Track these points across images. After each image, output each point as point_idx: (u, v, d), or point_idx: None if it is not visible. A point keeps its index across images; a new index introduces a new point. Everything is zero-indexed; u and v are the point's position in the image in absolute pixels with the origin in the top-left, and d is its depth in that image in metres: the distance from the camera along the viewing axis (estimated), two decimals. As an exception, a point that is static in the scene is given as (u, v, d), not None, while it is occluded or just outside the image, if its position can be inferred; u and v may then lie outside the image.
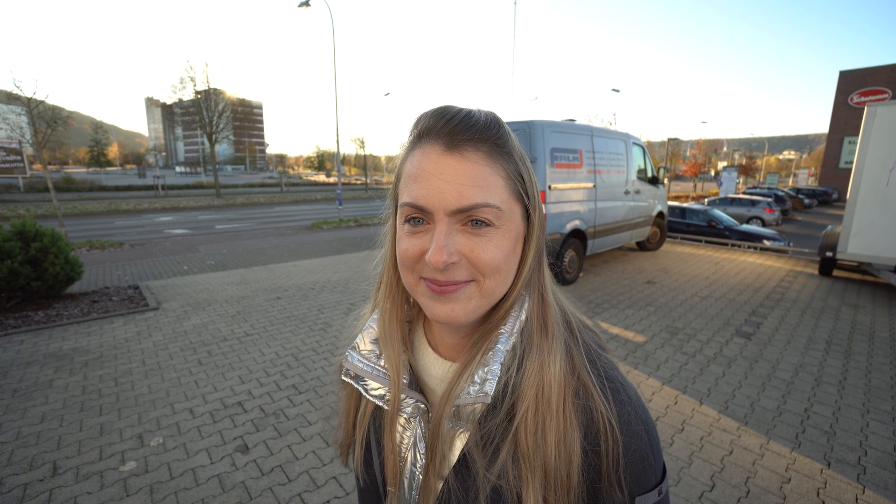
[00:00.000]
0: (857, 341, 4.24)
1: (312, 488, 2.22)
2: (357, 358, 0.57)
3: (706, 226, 11.20)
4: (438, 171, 0.44)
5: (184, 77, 26.28)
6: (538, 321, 0.50)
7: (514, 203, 0.47)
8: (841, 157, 32.27)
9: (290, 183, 47.80)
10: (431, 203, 0.44)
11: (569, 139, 6.09)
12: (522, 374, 0.47)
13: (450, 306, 0.46)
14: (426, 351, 0.57)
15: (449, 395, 0.49)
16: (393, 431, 0.55)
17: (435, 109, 0.47)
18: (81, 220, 15.93)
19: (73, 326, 4.47)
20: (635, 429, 0.48)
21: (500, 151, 0.46)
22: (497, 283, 0.47)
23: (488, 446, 0.47)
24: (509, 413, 0.47)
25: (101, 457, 2.43)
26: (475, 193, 0.44)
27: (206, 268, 7.47)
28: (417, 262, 0.47)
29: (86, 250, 9.35)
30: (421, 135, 0.47)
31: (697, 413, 2.94)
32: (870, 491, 2.23)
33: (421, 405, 0.53)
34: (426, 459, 0.52)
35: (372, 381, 0.55)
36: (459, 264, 0.45)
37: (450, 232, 0.45)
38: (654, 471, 0.49)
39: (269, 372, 3.49)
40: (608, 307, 5.20)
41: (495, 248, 0.45)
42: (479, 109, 0.48)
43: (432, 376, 0.56)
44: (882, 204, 5.77)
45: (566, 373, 0.48)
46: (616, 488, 0.47)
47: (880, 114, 5.70)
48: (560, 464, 0.45)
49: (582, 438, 0.46)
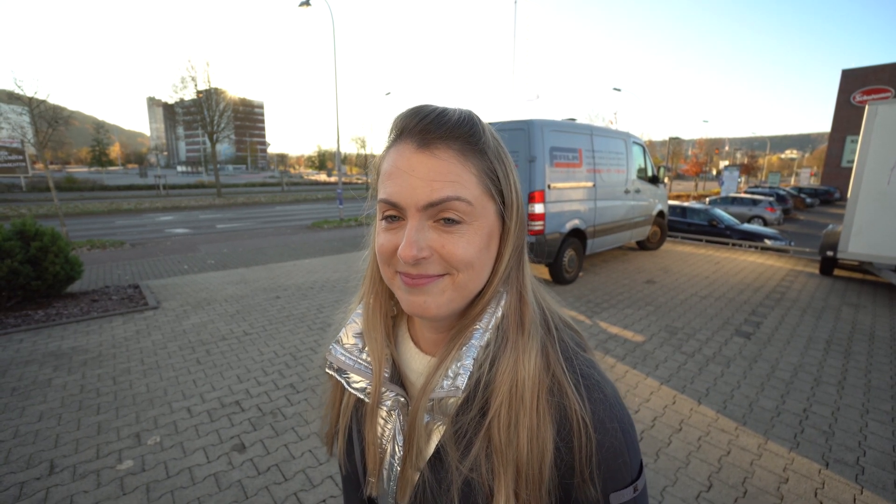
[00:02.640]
0: (858, 341, 4.22)
1: (308, 487, 2.23)
2: (340, 351, 0.58)
3: (707, 225, 11.17)
4: (411, 168, 0.45)
5: (185, 77, 26.38)
6: (515, 318, 0.51)
7: (486, 200, 0.48)
8: (843, 156, 32.14)
9: (291, 182, 47.86)
10: (403, 199, 0.45)
11: (568, 138, 6.08)
12: (496, 370, 0.48)
13: (422, 298, 0.48)
14: (408, 346, 0.58)
15: (425, 389, 0.50)
16: (374, 424, 0.56)
17: (410, 109, 0.48)
18: (83, 220, 15.97)
19: (73, 325, 4.48)
20: (609, 426, 0.48)
21: (473, 149, 0.47)
22: (470, 278, 0.48)
23: (461, 440, 0.49)
24: (483, 408, 0.48)
25: (99, 455, 2.44)
26: (445, 188, 0.45)
27: (206, 267, 7.49)
28: (392, 256, 0.48)
29: (86, 250, 9.38)
30: (398, 134, 0.48)
31: (695, 413, 2.93)
32: (868, 491, 2.22)
33: (401, 399, 0.54)
34: (403, 451, 0.53)
35: (354, 374, 0.56)
36: (431, 259, 0.46)
37: (421, 227, 0.46)
38: (630, 468, 0.49)
39: (267, 371, 3.50)
40: (607, 307, 5.19)
41: (466, 243, 0.46)
42: (455, 108, 0.48)
43: (413, 370, 0.57)
44: (883, 203, 5.74)
45: (541, 370, 0.49)
46: (589, 485, 0.47)
47: (881, 112, 5.67)
48: (532, 459, 0.46)
49: (555, 435, 0.47)
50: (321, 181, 58.08)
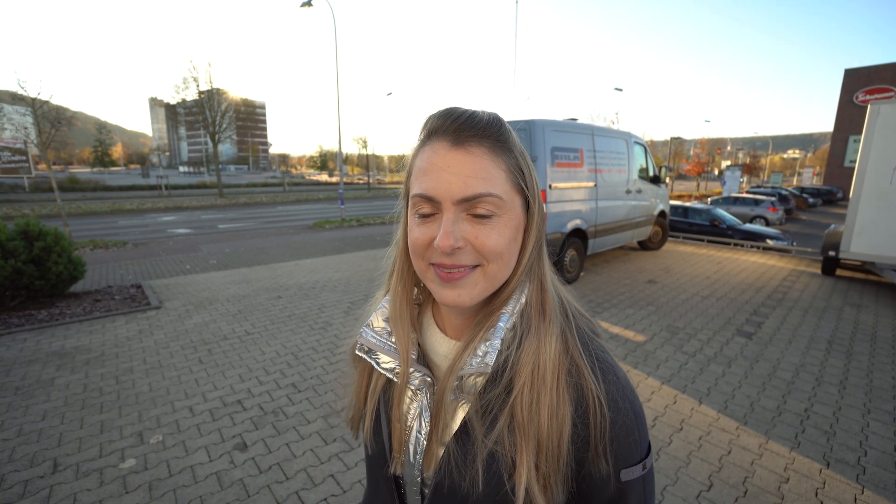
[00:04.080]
0: (860, 341, 4.21)
1: (310, 486, 2.23)
2: (371, 334, 0.61)
3: (709, 225, 11.15)
4: (446, 164, 0.49)
5: (187, 77, 26.45)
6: (537, 305, 0.54)
7: (514, 194, 0.52)
8: (846, 155, 32.02)
9: (293, 182, 47.95)
10: (439, 193, 0.49)
11: (569, 138, 6.08)
12: (521, 352, 0.52)
13: (457, 291, 0.51)
14: (434, 331, 0.62)
15: (453, 368, 0.54)
16: (401, 402, 0.60)
17: (443, 110, 0.52)
18: (85, 220, 16.03)
19: (76, 325, 4.51)
20: (622, 406, 0.52)
21: (502, 147, 0.51)
22: (500, 268, 0.52)
23: (487, 415, 0.52)
24: (507, 387, 0.52)
25: (102, 454, 2.45)
26: (479, 184, 0.48)
27: (208, 267, 7.51)
28: (427, 248, 0.51)
29: (89, 250, 9.41)
30: (430, 133, 0.52)
31: (696, 413, 2.93)
32: (869, 491, 2.22)
33: (427, 378, 0.58)
34: (430, 427, 0.56)
35: (383, 355, 0.60)
36: (465, 250, 0.49)
37: (456, 220, 0.49)
38: (639, 447, 0.53)
39: (268, 370, 3.51)
40: (609, 306, 5.19)
41: (498, 235, 0.50)
42: (483, 110, 0.52)
43: (438, 354, 0.61)
44: (885, 203, 5.72)
45: (560, 353, 0.53)
46: (602, 459, 0.51)
47: (884, 112, 5.66)
48: (552, 434, 0.50)
49: (573, 412, 0.51)
50: (323, 181, 58.12)
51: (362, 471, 2.35)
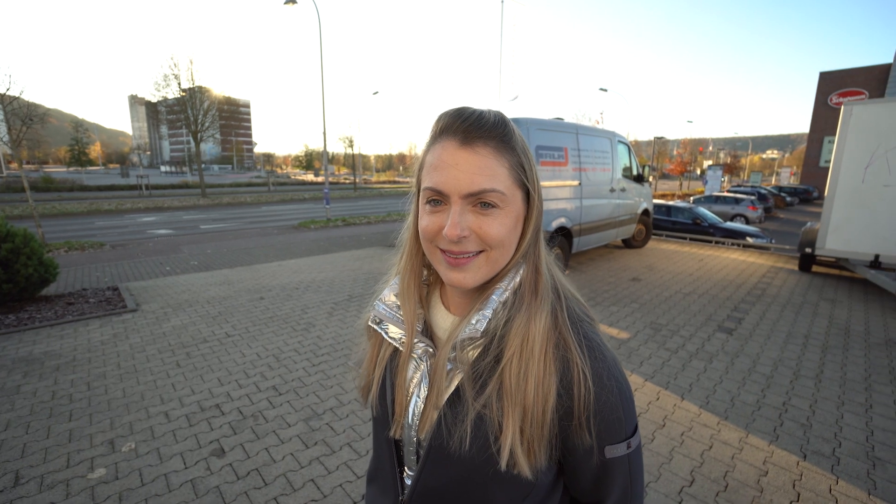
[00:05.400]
0: (834, 335, 4.32)
1: (289, 491, 2.18)
2: (382, 307, 0.68)
3: (691, 223, 11.35)
4: (455, 162, 0.54)
5: (168, 74, 25.75)
6: (530, 285, 0.59)
7: (516, 189, 0.57)
8: (821, 156, 32.97)
9: (278, 182, 47.23)
10: (448, 188, 0.54)
11: (554, 137, 6.10)
12: (511, 325, 0.57)
13: (462, 274, 0.57)
14: (439, 308, 0.69)
15: (449, 338, 0.60)
16: (405, 370, 0.66)
17: (454, 110, 0.57)
18: (61, 221, 15.52)
19: (46, 329, 4.34)
20: (607, 383, 0.56)
21: (506, 146, 0.56)
22: (501, 254, 0.58)
23: (477, 381, 0.57)
24: (497, 357, 0.57)
25: (69, 464, 2.35)
26: (484, 181, 0.54)
27: (189, 268, 7.33)
28: (436, 235, 0.57)
29: (64, 251, 9.11)
30: (441, 131, 0.57)
31: (679, 409, 2.96)
32: (843, 481, 2.26)
33: (429, 349, 0.64)
34: (427, 391, 0.62)
35: (392, 325, 0.66)
36: (470, 238, 0.55)
37: (462, 211, 0.55)
38: (624, 426, 0.57)
39: (248, 373, 3.43)
40: (593, 304, 5.22)
41: (500, 225, 0.55)
42: (490, 110, 0.57)
43: (441, 328, 0.67)
44: (858, 201, 5.89)
45: (549, 328, 0.57)
46: (585, 431, 0.55)
47: (856, 112, 5.81)
48: (537, 402, 0.54)
49: (557, 383, 0.55)
50: (308, 181, 57.41)
51: (343, 475, 2.31)
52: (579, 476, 0.60)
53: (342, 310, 4.98)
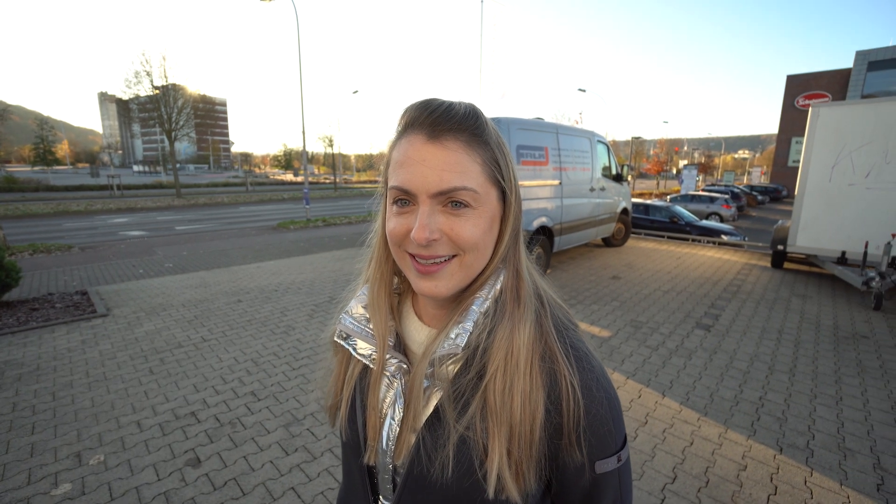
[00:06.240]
0: (805, 330, 4.46)
1: (269, 501, 2.11)
2: (349, 320, 0.61)
3: (668, 222, 11.61)
4: (422, 158, 0.49)
5: (139, 71, 24.90)
6: (512, 292, 0.54)
7: (490, 187, 0.52)
8: (789, 156, 34.22)
9: (256, 182, 46.27)
10: (415, 186, 0.49)
11: (535, 136, 6.13)
12: (494, 337, 0.51)
13: (434, 283, 0.52)
14: (412, 319, 0.63)
15: (426, 353, 0.54)
16: (377, 389, 0.59)
17: (420, 102, 0.52)
18: (25, 223, 14.81)
19: (7, 337, 4.11)
20: (596, 395, 0.52)
21: (478, 140, 0.50)
22: (475, 258, 0.52)
23: (459, 400, 0.52)
24: (480, 372, 0.52)
25: (30, 480, 2.22)
26: (454, 178, 0.48)
27: (163, 271, 7.09)
28: (404, 239, 0.51)
29: (28, 254, 8.68)
30: (407, 125, 0.52)
31: (660, 406, 3.00)
32: (817, 473, 2.33)
33: (403, 365, 0.58)
34: (403, 413, 0.56)
35: (361, 341, 0.60)
36: (441, 241, 0.50)
37: (432, 212, 0.49)
38: (614, 438, 0.53)
39: (226, 379, 3.32)
40: (575, 303, 5.27)
41: (473, 226, 0.50)
42: (460, 102, 0.52)
43: (415, 341, 0.61)
44: (825, 200, 6.12)
45: (535, 338, 0.52)
46: (576, 448, 0.51)
47: (823, 114, 6.04)
48: (525, 420, 0.49)
49: (545, 398, 0.50)
50: (287, 181, 56.42)
51: (325, 482, 2.25)
52: (568, 494, 0.55)
53: (323, 312, 4.88)
